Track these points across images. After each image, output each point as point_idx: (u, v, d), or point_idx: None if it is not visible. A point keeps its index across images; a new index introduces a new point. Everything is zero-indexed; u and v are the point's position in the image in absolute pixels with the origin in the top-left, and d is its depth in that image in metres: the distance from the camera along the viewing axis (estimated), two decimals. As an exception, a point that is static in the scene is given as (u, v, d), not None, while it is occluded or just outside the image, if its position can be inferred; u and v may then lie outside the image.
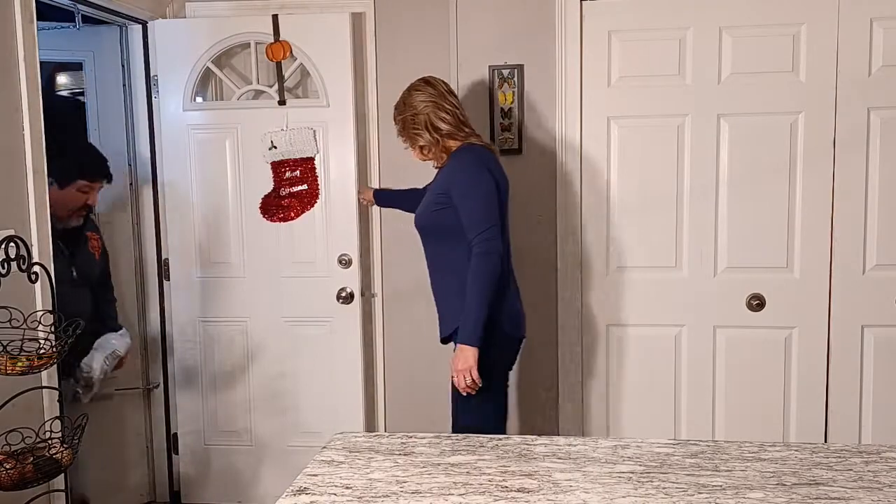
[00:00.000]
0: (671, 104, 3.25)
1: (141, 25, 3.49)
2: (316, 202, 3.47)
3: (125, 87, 3.55)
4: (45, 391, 2.66)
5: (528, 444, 1.81)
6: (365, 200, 3.46)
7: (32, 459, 2.34)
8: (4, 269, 2.25)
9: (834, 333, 3.25)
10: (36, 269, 2.41)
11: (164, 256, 3.61)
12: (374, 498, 1.53)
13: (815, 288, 3.24)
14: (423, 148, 2.82)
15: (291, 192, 3.47)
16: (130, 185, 3.58)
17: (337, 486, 1.59)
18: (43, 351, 2.35)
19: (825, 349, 3.26)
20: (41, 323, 2.41)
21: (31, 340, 2.33)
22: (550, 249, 3.40)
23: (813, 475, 1.61)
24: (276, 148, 3.44)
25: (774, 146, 3.21)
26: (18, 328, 2.30)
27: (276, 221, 3.50)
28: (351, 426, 3.42)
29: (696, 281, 3.30)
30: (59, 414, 2.55)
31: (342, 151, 3.45)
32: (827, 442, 3.20)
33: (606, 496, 1.52)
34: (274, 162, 3.46)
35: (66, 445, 2.44)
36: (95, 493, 3.19)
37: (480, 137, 2.82)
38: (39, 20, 2.74)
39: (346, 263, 3.48)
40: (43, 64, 2.76)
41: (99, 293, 3.26)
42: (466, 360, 2.61)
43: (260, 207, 3.50)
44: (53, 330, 2.39)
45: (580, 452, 1.75)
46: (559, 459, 1.71)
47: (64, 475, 2.51)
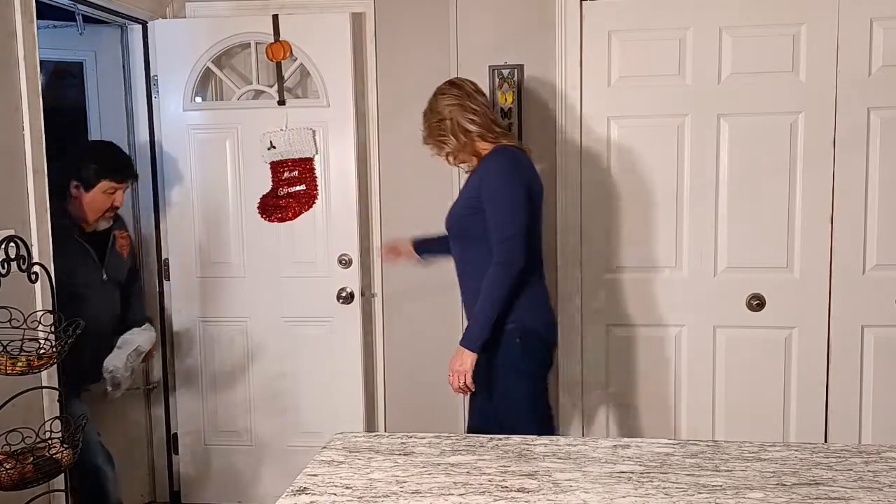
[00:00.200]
0: (671, 104, 3.25)
1: (141, 25, 3.49)
2: (314, 203, 3.48)
3: (125, 87, 3.55)
4: (45, 391, 2.66)
5: (528, 444, 1.81)
6: (395, 257, 3.09)
7: (32, 459, 2.34)
8: (4, 269, 2.25)
9: (834, 333, 3.24)
10: (36, 269, 2.41)
11: (164, 256, 3.61)
12: (374, 498, 1.53)
13: (815, 288, 3.24)
14: (450, 154, 2.74)
15: (289, 192, 3.47)
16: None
17: (337, 486, 1.59)
18: (43, 351, 2.35)
19: (825, 349, 3.26)
20: (41, 323, 2.42)
21: (31, 340, 2.33)
22: (550, 249, 3.40)
23: (813, 475, 1.61)
24: (274, 148, 3.44)
25: (774, 146, 3.21)
26: (18, 328, 2.30)
27: (273, 221, 3.50)
28: (351, 426, 3.42)
29: (696, 281, 3.30)
30: (59, 414, 2.55)
31: (342, 151, 3.45)
32: (827, 442, 3.20)
33: (606, 496, 1.52)
34: (273, 162, 3.46)
35: (66, 445, 2.44)
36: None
37: (513, 137, 2.73)
38: (40, 19, 2.74)
39: (346, 263, 3.48)
40: (44, 63, 2.75)
41: (128, 290, 3.26)
42: (463, 363, 2.59)
43: (258, 207, 3.50)
44: (53, 330, 2.39)
45: (580, 452, 1.75)
46: (559, 459, 1.71)
47: (64, 475, 2.51)
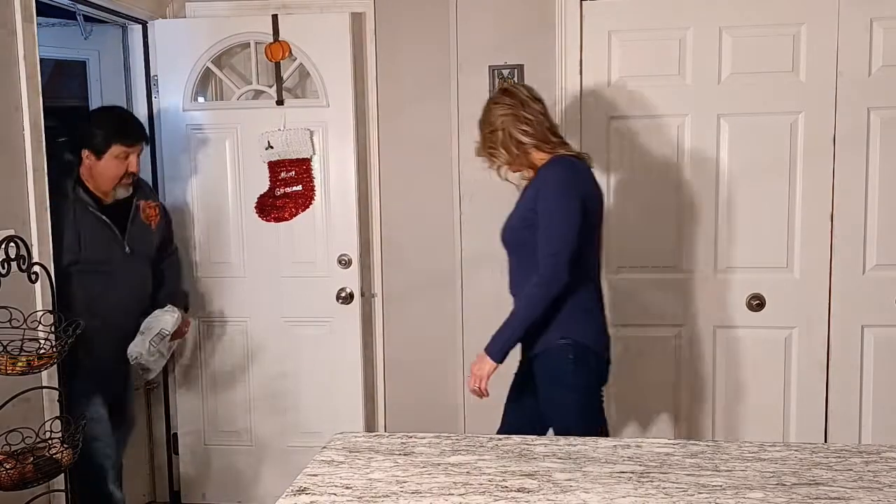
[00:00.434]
0: (671, 104, 3.25)
1: (141, 25, 3.49)
2: (311, 203, 3.47)
3: (126, 86, 3.55)
4: (45, 391, 2.66)
5: (528, 444, 1.81)
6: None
7: (32, 459, 2.34)
8: (4, 269, 2.25)
9: (834, 333, 3.24)
10: (36, 269, 2.42)
11: (164, 256, 3.61)
12: (374, 498, 1.53)
13: (815, 288, 3.24)
14: (501, 167, 2.64)
15: (286, 192, 3.47)
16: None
17: (337, 486, 1.59)
18: (43, 351, 2.35)
19: (825, 349, 3.25)
20: (41, 323, 2.42)
21: (31, 340, 2.33)
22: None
23: (813, 475, 1.61)
24: (272, 148, 3.44)
25: (774, 146, 3.21)
26: (18, 328, 2.30)
27: (270, 221, 3.50)
28: (351, 426, 3.42)
29: (696, 281, 3.30)
30: (59, 414, 2.55)
31: (342, 151, 3.45)
32: (827, 442, 3.20)
33: (606, 496, 1.52)
34: (270, 162, 3.46)
35: (66, 445, 2.44)
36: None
37: (570, 146, 2.63)
38: (42, 17, 2.73)
39: (345, 263, 3.48)
40: (46, 61, 2.74)
41: (161, 265, 3.21)
42: (482, 368, 2.57)
43: (255, 207, 3.50)
44: (53, 330, 2.39)
45: (580, 452, 1.75)
46: (559, 459, 1.71)
47: (64, 475, 2.51)
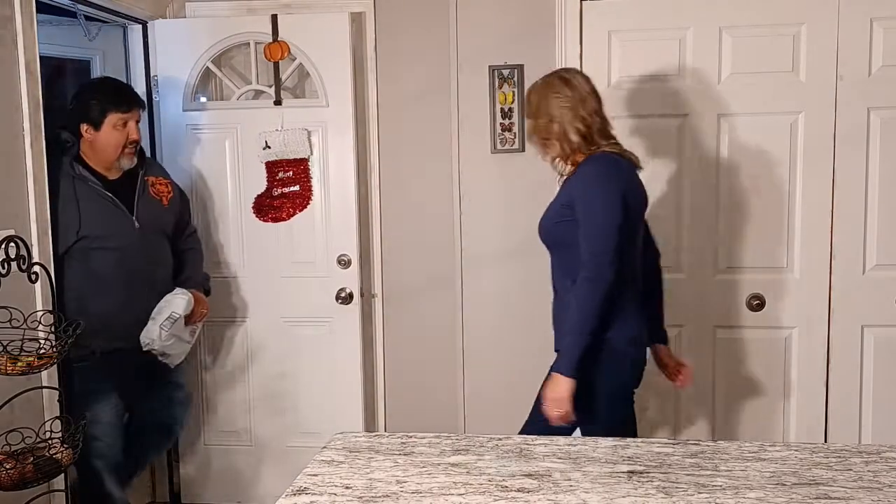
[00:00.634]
0: (671, 104, 3.24)
1: (141, 25, 3.49)
2: (308, 204, 3.47)
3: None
4: (45, 391, 2.66)
5: (528, 444, 1.81)
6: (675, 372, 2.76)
7: (32, 459, 2.34)
8: (4, 269, 2.25)
9: (834, 333, 3.24)
10: (36, 269, 2.42)
11: (163, 256, 3.61)
12: (374, 498, 1.53)
13: (815, 288, 3.24)
14: (553, 159, 2.59)
15: (283, 192, 3.47)
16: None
17: (337, 486, 1.59)
18: (43, 351, 2.35)
19: (825, 349, 3.25)
20: (41, 323, 2.42)
21: (31, 340, 2.33)
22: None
23: (813, 475, 1.61)
24: (270, 148, 3.44)
25: (774, 146, 3.21)
26: (18, 328, 2.30)
27: (267, 221, 3.49)
28: (351, 426, 3.42)
29: (696, 281, 3.30)
30: (59, 414, 2.55)
31: (341, 151, 3.45)
32: (827, 442, 3.20)
33: (606, 496, 1.52)
34: (268, 162, 3.46)
35: (66, 445, 2.44)
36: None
37: (619, 145, 2.55)
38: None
39: (345, 264, 3.48)
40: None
41: (181, 245, 3.19)
42: (556, 389, 2.37)
43: (252, 206, 3.50)
44: (53, 330, 2.39)
45: (580, 452, 1.75)
46: (559, 459, 1.71)
47: (64, 475, 2.51)
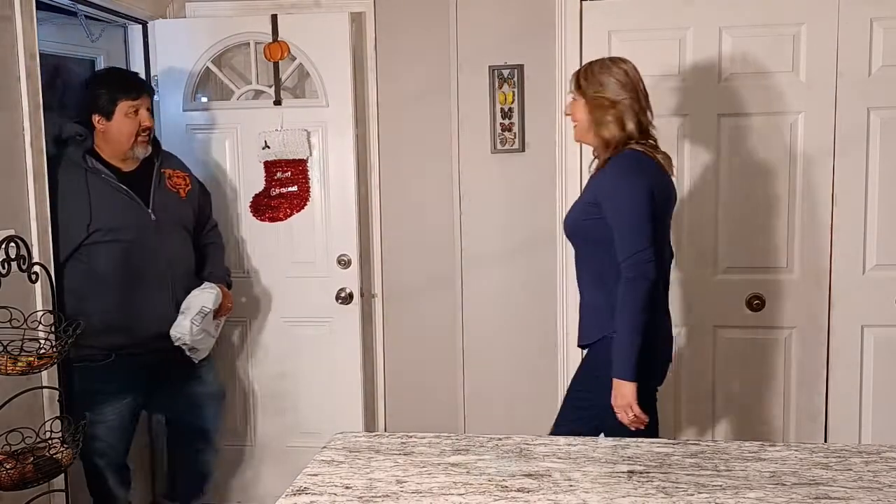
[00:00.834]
0: (671, 104, 3.24)
1: (141, 25, 3.49)
2: (306, 204, 3.47)
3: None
4: (45, 391, 2.66)
5: (528, 444, 1.81)
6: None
7: (32, 459, 2.34)
8: (4, 269, 2.25)
9: (834, 333, 3.24)
10: (36, 269, 2.42)
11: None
12: (374, 498, 1.53)
13: (815, 288, 3.24)
14: (600, 144, 2.50)
15: (281, 192, 3.47)
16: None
17: (337, 486, 1.59)
18: (43, 351, 2.35)
19: (825, 349, 3.25)
20: (41, 323, 2.42)
21: (31, 340, 2.33)
22: (550, 249, 3.40)
23: (813, 475, 1.61)
24: (269, 148, 3.44)
25: (774, 146, 3.21)
26: (18, 328, 2.30)
27: (264, 221, 3.49)
28: (351, 426, 3.42)
29: (696, 281, 3.30)
30: (59, 414, 2.55)
31: (341, 151, 3.45)
32: (827, 442, 3.20)
33: (606, 496, 1.52)
34: (267, 161, 3.46)
35: (66, 445, 2.44)
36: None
37: (656, 146, 2.51)
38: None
39: (345, 264, 3.48)
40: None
41: (202, 239, 3.17)
42: (623, 396, 2.35)
43: (250, 206, 3.49)
44: (53, 330, 2.39)
45: (580, 452, 1.75)
46: (559, 459, 1.71)
47: (64, 475, 2.51)
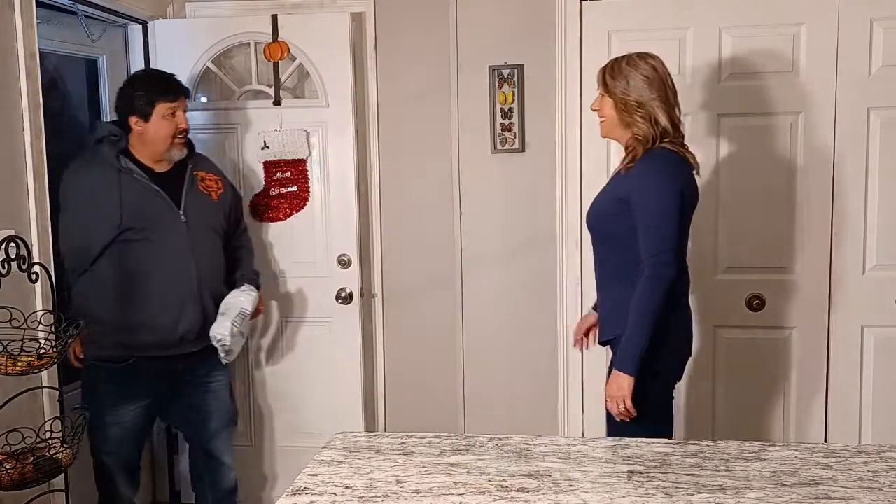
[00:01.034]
0: (671, 104, 3.24)
1: (141, 25, 3.49)
2: (305, 205, 3.47)
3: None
4: (45, 391, 2.66)
5: (528, 444, 1.81)
6: (586, 336, 2.82)
7: (32, 459, 2.34)
8: (4, 269, 2.25)
9: (834, 333, 3.24)
10: (36, 269, 2.42)
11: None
12: (374, 498, 1.53)
13: (815, 288, 3.24)
14: (632, 143, 2.47)
15: (281, 192, 3.47)
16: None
17: (337, 486, 1.59)
18: (43, 351, 2.35)
19: (825, 349, 3.25)
20: (41, 323, 2.42)
21: (31, 340, 2.33)
22: (550, 249, 3.40)
23: (813, 475, 1.61)
24: (268, 148, 3.44)
25: (774, 146, 3.21)
26: (18, 328, 2.30)
27: (264, 221, 3.50)
28: (351, 426, 3.42)
29: (696, 281, 3.28)
30: (59, 414, 2.55)
31: (341, 151, 3.45)
32: (827, 442, 3.20)
33: (606, 496, 1.52)
34: (266, 162, 3.46)
35: (66, 445, 2.44)
36: (96, 494, 3.19)
37: (685, 145, 2.52)
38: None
39: (345, 264, 3.48)
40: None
41: (234, 242, 3.17)
42: (620, 387, 2.37)
43: (249, 206, 3.50)
44: (53, 330, 2.39)
45: (580, 452, 1.75)
46: (559, 459, 1.71)
47: (64, 475, 2.51)
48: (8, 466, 2.27)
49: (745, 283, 3.28)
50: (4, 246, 2.27)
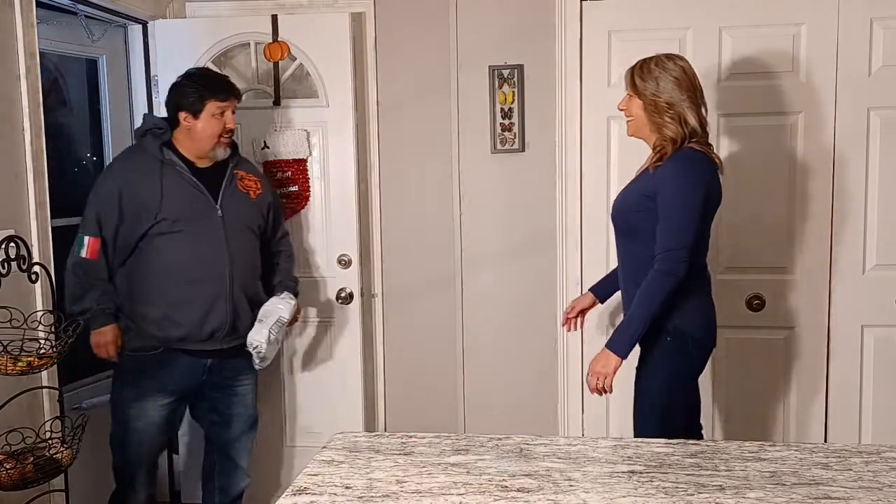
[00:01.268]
0: (671, 104, 3.24)
1: (141, 25, 3.49)
2: (306, 204, 3.47)
3: (127, 86, 3.56)
4: (45, 391, 2.66)
5: (528, 444, 1.81)
6: (580, 316, 2.89)
7: (32, 459, 2.34)
8: (4, 269, 2.25)
9: (834, 333, 3.24)
10: (36, 269, 2.42)
11: (164, 256, 3.60)
12: (373, 498, 1.53)
13: (815, 288, 3.24)
14: (658, 143, 2.52)
15: (281, 192, 3.46)
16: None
17: (337, 486, 1.59)
18: (43, 351, 2.36)
19: (825, 349, 3.25)
20: (41, 323, 2.42)
21: (31, 340, 2.33)
22: (550, 249, 3.40)
23: (813, 475, 1.61)
24: (268, 148, 3.44)
25: (774, 146, 3.21)
26: (18, 328, 2.30)
27: None
28: (351, 426, 3.42)
29: (696, 281, 3.30)
30: (59, 414, 2.55)
31: (341, 151, 3.45)
32: (827, 442, 3.20)
33: (606, 496, 1.52)
34: (266, 162, 3.46)
35: (66, 445, 2.44)
36: (96, 493, 3.19)
37: (710, 144, 2.55)
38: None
39: (345, 263, 3.48)
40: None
41: (273, 250, 3.18)
42: (607, 364, 2.47)
43: None
44: (53, 330, 2.40)
45: (580, 452, 1.75)
46: (559, 459, 1.71)
47: (64, 475, 2.51)
48: (8, 466, 2.27)
49: (745, 283, 3.28)
50: (4, 246, 2.27)
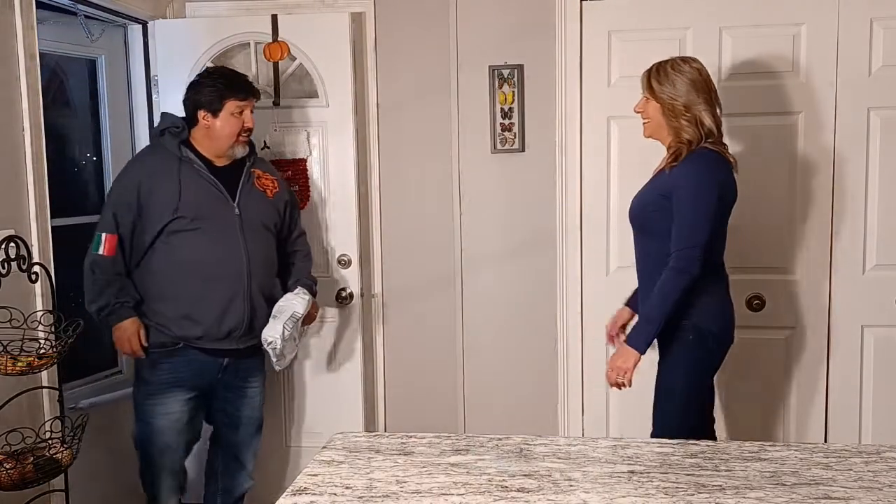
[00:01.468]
0: (671, 104, 3.24)
1: (141, 25, 3.49)
2: (306, 204, 3.46)
3: (127, 86, 3.55)
4: (45, 391, 2.66)
5: (528, 444, 1.81)
6: (621, 332, 2.88)
7: (32, 459, 2.34)
8: (4, 269, 2.25)
9: (834, 333, 3.24)
10: (36, 269, 2.42)
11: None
12: (373, 498, 1.53)
13: (815, 288, 3.24)
14: (674, 144, 2.56)
15: None
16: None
17: (337, 486, 1.59)
18: (43, 351, 2.36)
19: (825, 349, 3.25)
20: (41, 323, 2.42)
21: (31, 340, 2.33)
22: (550, 249, 3.40)
23: (813, 475, 1.61)
24: (268, 148, 3.44)
25: (774, 146, 3.21)
26: (18, 328, 2.30)
27: None
28: (351, 426, 3.42)
29: (696, 281, 3.30)
30: (59, 414, 2.55)
31: (341, 151, 3.45)
32: (827, 442, 3.20)
33: (606, 496, 1.52)
34: None
35: (66, 445, 2.44)
36: (96, 494, 3.19)
37: (724, 144, 2.61)
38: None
39: (345, 263, 3.48)
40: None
41: (289, 244, 3.18)
42: (627, 360, 2.54)
43: None
44: (53, 330, 2.40)
45: (580, 452, 1.75)
46: (559, 459, 1.71)
47: (64, 475, 2.51)
48: (8, 466, 2.27)
49: (745, 283, 3.27)
50: (4, 246, 2.27)
